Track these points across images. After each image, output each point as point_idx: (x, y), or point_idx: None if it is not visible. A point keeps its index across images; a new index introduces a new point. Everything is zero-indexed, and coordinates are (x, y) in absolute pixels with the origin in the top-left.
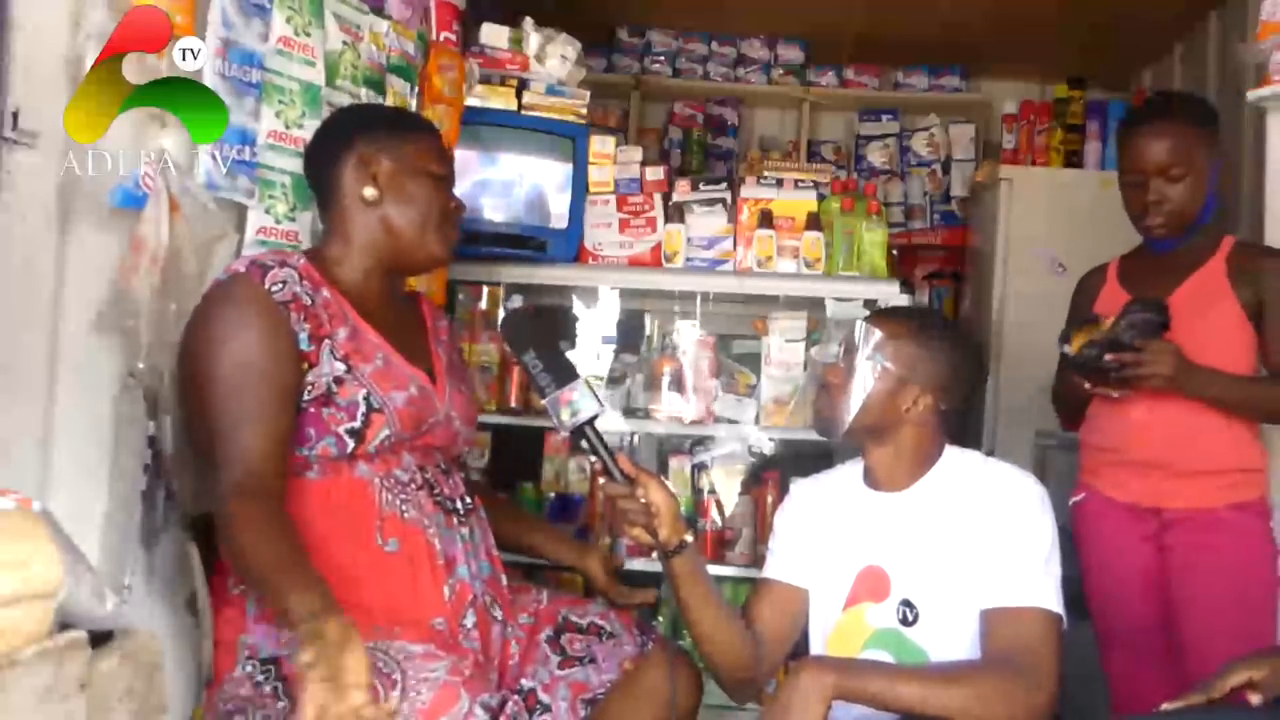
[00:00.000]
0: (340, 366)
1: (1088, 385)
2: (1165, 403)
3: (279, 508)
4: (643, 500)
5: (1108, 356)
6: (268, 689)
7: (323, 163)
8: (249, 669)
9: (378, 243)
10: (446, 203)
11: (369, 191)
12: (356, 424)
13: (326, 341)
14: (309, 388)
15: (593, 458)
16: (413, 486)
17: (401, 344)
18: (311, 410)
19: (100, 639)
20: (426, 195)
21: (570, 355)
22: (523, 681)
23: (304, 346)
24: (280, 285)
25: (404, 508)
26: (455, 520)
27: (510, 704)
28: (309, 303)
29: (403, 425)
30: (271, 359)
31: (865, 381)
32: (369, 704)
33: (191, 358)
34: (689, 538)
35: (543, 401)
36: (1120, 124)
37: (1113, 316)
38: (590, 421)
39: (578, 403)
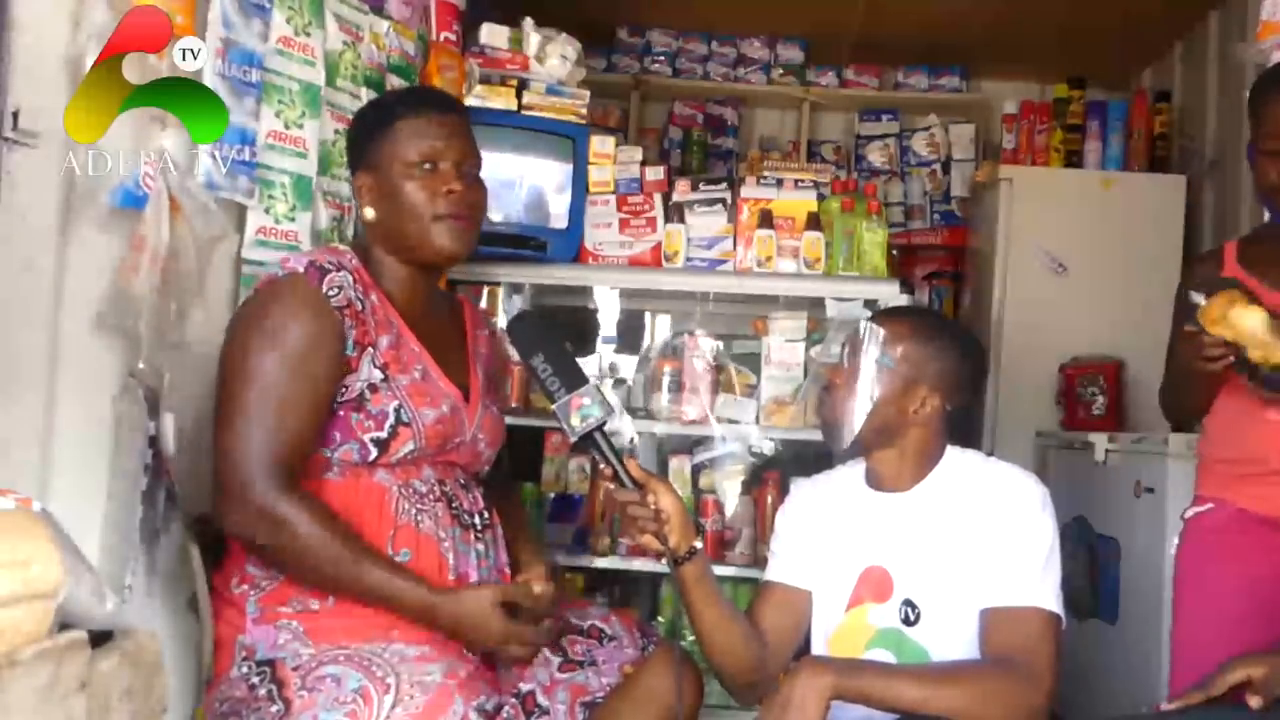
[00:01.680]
0: (378, 374)
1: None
2: None
3: (320, 501)
4: (653, 506)
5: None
6: (262, 691)
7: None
8: (244, 670)
9: (391, 253)
10: (431, 192)
11: (367, 212)
12: (383, 434)
13: (370, 349)
14: (343, 390)
15: (602, 463)
16: (430, 498)
17: (442, 357)
18: (341, 414)
19: (100, 639)
20: (406, 194)
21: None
22: (521, 685)
23: (349, 352)
24: (337, 290)
25: (420, 518)
26: (472, 536)
27: (506, 708)
28: (360, 308)
29: (428, 442)
30: (320, 362)
31: (873, 384)
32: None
33: (237, 351)
34: (698, 544)
35: (552, 407)
36: (1261, 85)
37: (1259, 287)
38: (600, 427)
39: (588, 408)
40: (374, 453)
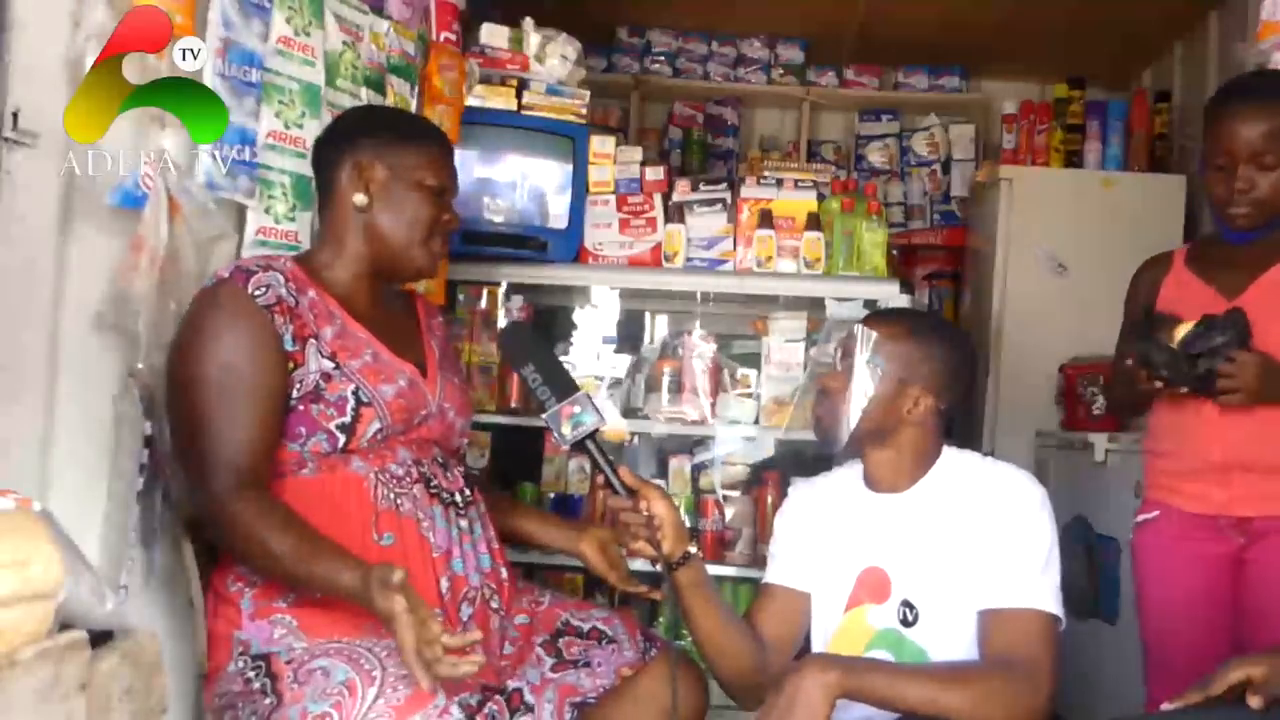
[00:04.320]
0: (328, 363)
1: (1159, 384)
2: None
3: (274, 497)
4: (645, 512)
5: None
6: (256, 685)
7: (323, 163)
8: (240, 665)
9: (365, 249)
10: (436, 216)
11: (359, 198)
12: (346, 419)
13: (312, 340)
14: (297, 385)
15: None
16: (408, 480)
17: (391, 340)
18: (300, 408)
19: (100, 639)
20: (415, 207)
21: (570, 357)
22: (509, 682)
23: (289, 347)
24: (264, 289)
25: (399, 501)
26: (453, 513)
27: (490, 704)
28: (293, 304)
29: (393, 418)
30: (255, 362)
31: (866, 387)
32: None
33: (177, 364)
34: (692, 549)
35: (543, 416)
36: (1211, 101)
37: (1191, 322)
38: (592, 435)
39: (579, 416)
40: (342, 439)
